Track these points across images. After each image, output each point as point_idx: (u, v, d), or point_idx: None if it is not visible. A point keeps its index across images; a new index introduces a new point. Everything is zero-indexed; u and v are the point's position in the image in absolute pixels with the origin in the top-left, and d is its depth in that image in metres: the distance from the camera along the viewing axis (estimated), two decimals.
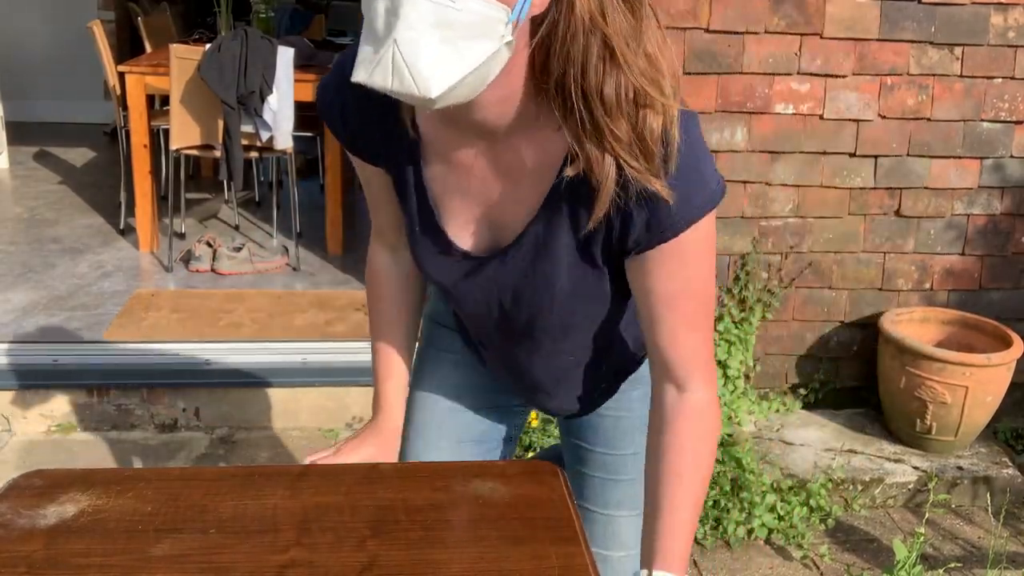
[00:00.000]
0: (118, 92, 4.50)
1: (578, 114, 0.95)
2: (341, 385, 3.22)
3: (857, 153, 3.09)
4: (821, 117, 3.04)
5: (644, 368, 1.38)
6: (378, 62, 0.88)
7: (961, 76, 3.05)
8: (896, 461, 3.02)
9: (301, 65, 4.16)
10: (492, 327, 1.27)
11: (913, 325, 3.18)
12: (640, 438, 1.24)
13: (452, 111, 0.96)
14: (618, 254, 1.10)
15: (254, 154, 4.22)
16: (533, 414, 2.70)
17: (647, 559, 1.06)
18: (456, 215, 1.17)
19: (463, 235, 1.18)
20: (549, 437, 2.95)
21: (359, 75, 0.90)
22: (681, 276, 1.09)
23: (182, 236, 4.44)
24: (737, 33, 2.93)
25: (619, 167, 0.98)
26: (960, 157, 3.13)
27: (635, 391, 1.42)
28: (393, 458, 1.27)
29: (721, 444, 3.01)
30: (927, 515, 2.87)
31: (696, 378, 1.13)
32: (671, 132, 0.98)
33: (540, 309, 1.19)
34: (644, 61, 0.93)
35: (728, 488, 2.79)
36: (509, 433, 1.55)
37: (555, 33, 0.92)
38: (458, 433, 1.49)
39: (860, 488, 2.92)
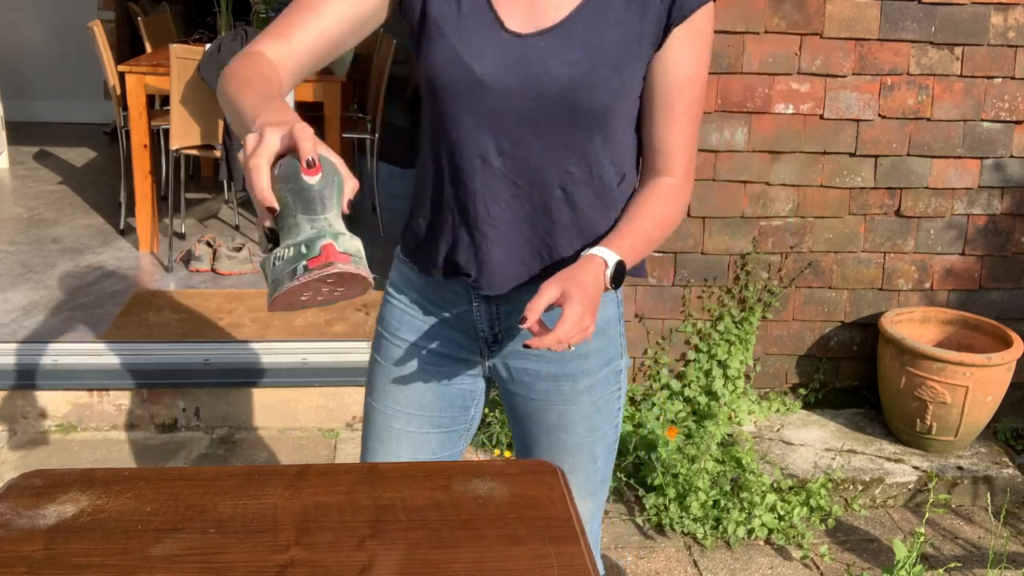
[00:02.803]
0: (118, 92, 4.50)
1: None
2: (341, 385, 3.23)
3: (857, 153, 3.09)
4: (821, 117, 3.04)
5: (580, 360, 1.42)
6: None
7: (961, 76, 3.05)
8: (896, 461, 3.02)
9: None
10: (514, 124, 1.27)
11: (913, 325, 3.18)
12: (583, 430, 1.43)
13: None
14: (654, 31, 1.26)
15: None
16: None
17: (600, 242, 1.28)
18: None
19: (510, 13, 1.26)
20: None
21: None
22: (696, 63, 1.29)
23: (182, 236, 4.44)
24: (737, 33, 2.93)
25: None
26: (960, 157, 3.13)
27: (580, 384, 1.44)
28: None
29: (721, 444, 3.01)
30: (927, 515, 2.87)
31: (678, 169, 1.34)
32: None
33: (585, 87, 1.24)
34: None
35: (728, 488, 2.79)
36: (465, 403, 1.52)
37: None
38: (420, 433, 1.50)
39: (860, 488, 2.93)
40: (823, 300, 3.24)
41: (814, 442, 3.11)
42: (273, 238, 0.95)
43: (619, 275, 1.26)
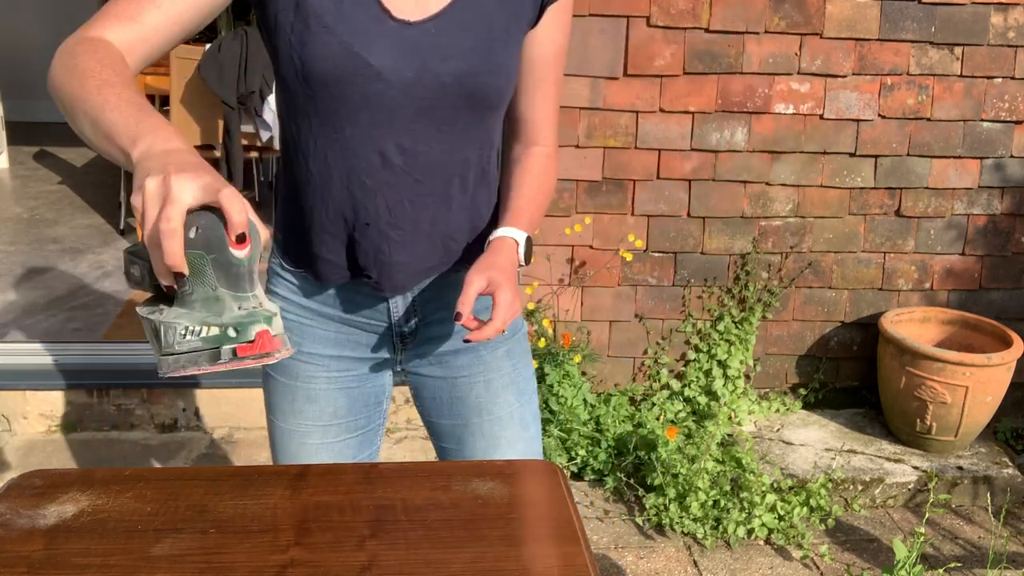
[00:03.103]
0: None
1: None
2: None
3: (857, 153, 3.09)
4: (821, 117, 3.04)
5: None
6: None
7: (961, 76, 3.05)
8: (896, 461, 3.02)
9: None
10: (414, 117, 1.21)
11: (913, 325, 3.18)
12: (512, 397, 1.43)
13: None
14: (531, 9, 1.26)
15: (254, 154, 4.22)
16: None
17: (499, 223, 1.30)
18: None
19: (399, 3, 1.19)
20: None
21: None
22: (564, 35, 1.32)
23: None
24: (737, 33, 2.93)
25: None
26: (960, 157, 3.13)
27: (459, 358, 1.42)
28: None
29: (721, 444, 3.01)
30: (927, 515, 2.87)
31: (550, 138, 1.38)
32: None
33: (483, 73, 1.22)
34: None
35: (728, 488, 2.79)
36: (379, 398, 1.49)
37: None
38: (337, 441, 1.46)
39: (860, 488, 2.93)
40: (823, 300, 3.24)
41: (814, 442, 3.11)
42: (160, 294, 0.87)
43: (529, 250, 1.30)
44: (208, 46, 3.98)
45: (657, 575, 2.59)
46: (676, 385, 3.19)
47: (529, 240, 1.29)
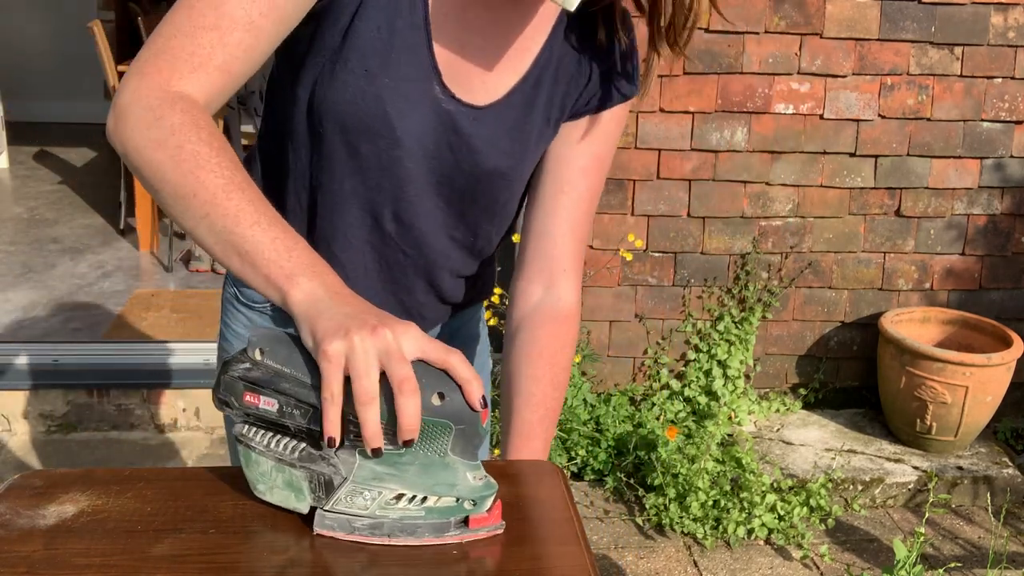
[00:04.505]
0: None
1: None
2: None
3: (857, 153, 3.09)
4: (821, 117, 3.04)
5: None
6: None
7: (961, 76, 3.05)
8: (896, 461, 3.02)
9: None
10: (419, 190, 1.08)
11: (913, 325, 3.18)
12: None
13: None
14: (571, 110, 1.12)
15: None
16: None
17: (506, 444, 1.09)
18: (450, 46, 1.02)
19: (450, 69, 1.03)
20: None
21: None
22: (601, 149, 1.14)
23: (182, 236, 4.44)
24: (737, 33, 2.93)
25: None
26: (960, 157, 3.13)
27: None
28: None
29: (721, 444, 3.01)
30: (927, 515, 2.87)
31: (570, 277, 1.15)
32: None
33: (507, 178, 1.10)
34: None
35: (728, 488, 2.79)
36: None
37: None
38: None
39: (860, 488, 2.93)
40: (823, 300, 3.24)
41: (814, 442, 3.11)
42: (287, 433, 0.77)
43: None
44: None
45: (657, 575, 2.59)
46: (676, 385, 3.19)
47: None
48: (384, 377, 0.72)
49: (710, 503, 2.76)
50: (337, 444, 0.73)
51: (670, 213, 3.09)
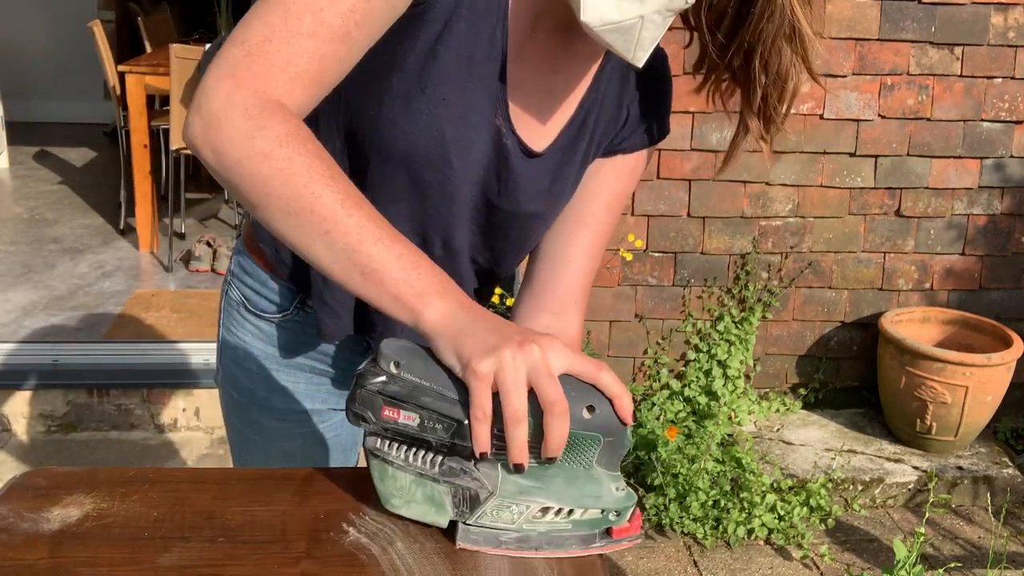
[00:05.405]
0: (118, 92, 4.49)
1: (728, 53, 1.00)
2: None
3: (857, 153, 3.09)
4: (821, 117, 3.04)
5: None
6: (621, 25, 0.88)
7: (961, 76, 3.05)
8: (896, 461, 3.03)
9: None
10: (468, 216, 1.08)
11: (913, 325, 3.18)
12: None
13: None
14: (605, 147, 1.12)
15: None
16: None
17: None
18: (517, 84, 1.01)
19: (519, 113, 1.02)
20: None
21: (590, 16, 0.86)
22: (626, 186, 1.14)
23: (182, 236, 4.44)
24: None
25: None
26: (960, 157, 3.13)
27: None
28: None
29: (721, 444, 3.01)
30: (927, 515, 2.87)
31: (579, 309, 1.15)
32: None
33: (540, 221, 1.10)
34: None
35: (728, 488, 2.79)
36: (354, 439, 1.39)
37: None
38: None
39: (860, 488, 2.93)
40: (823, 300, 3.24)
41: (814, 442, 3.11)
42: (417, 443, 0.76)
43: None
44: (208, 46, 3.97)
45: (657, 575, 2.59)
46: (676, 385, 3.19)
47: None
48: (531, 392, 0.71)
49: (710, 503, 2.76)
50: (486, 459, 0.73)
51: (670, 213, 3.09)
